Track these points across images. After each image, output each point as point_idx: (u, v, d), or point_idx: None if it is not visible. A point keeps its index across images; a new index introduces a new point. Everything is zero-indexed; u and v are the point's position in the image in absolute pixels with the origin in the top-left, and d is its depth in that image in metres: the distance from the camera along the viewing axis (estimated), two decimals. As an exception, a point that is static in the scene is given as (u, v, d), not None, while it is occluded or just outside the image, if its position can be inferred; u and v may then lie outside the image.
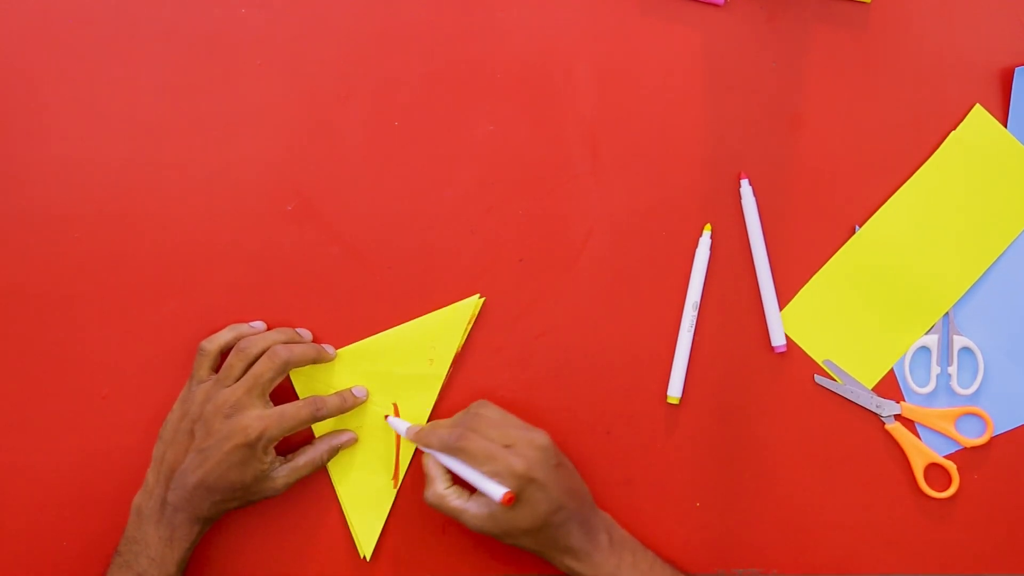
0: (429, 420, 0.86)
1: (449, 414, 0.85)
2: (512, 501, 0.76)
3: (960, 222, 0.86)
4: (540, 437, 0.79)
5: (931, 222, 0.86)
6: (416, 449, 0.85)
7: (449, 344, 0.85)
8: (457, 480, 0.80)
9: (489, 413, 0.81)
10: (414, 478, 0.86)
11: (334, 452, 0.84)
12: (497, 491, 0.75)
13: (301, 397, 0.84)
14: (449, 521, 0.85)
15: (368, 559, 0.85)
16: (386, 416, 0.85)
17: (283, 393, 0.85)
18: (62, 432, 0.85)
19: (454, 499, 0.79)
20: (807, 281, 0.86)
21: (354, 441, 0.85)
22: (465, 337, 0.86)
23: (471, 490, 0.79)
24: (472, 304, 0.86)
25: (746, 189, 0.85)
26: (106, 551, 0.82)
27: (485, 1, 0.86)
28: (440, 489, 0.79)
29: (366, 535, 0.85)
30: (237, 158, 0.86)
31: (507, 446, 0.78)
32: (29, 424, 0.85)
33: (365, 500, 0.85)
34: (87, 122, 0.86)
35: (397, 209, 0.86)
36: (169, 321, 0.85)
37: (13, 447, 0.85)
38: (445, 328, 0.85)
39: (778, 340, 0.85)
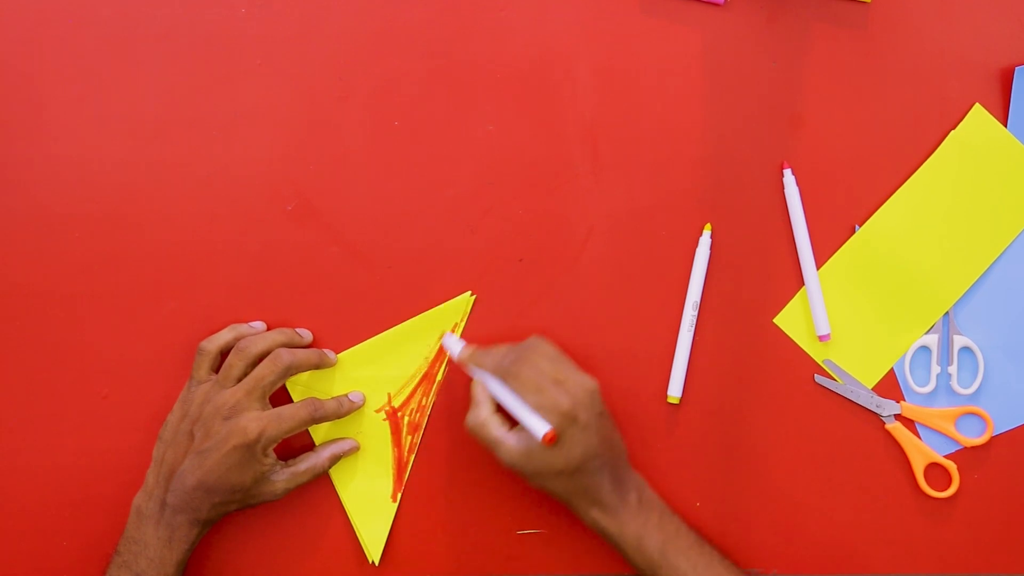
0: (428, 421, 0.85)
1: (448, 413, 0.85)
2: (554, 441, 0.74)
3: (960, 222, 0.86)
4: (590, 382, 0.78)
5: (931, 222, 0.86)
6: (414, 459, 0.85)
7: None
8: (501, 412, 0.79)
9: (545, 347, 0.79)
10: (415, 483, 0.86)
11: (335, 460, 0.84)
12: (540, 427, 0.74)
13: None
14: (456, 522, 0.85)
15: (377, 564, 0.85)
16: (441, 338, 0.84)
17: (281, 398, 0.85)
18: (62, 432, 0.85)
19: (495, 428, 0.77)
20: (807, 281, 0.86)
21: (356, 450, 0.85)
22: (460, 334, 0.86)
23: (512, 425, 0.78)
24: (463, 301, 0.86)
25: (789, 179, 0.85)
26: (106, 551, 0.82)
27: (485, 1, 0.86)
28: (483, 415, 0.78)
29: (373, 541, 0.85)
30: (237, 158, 0.86)
31: (557, 382, 0.77)
32: (29, 424, 0.85)
33: (369, 506, 0.85)
34: (87, 122, 0.86)
35: (397, 209, 0.86)
36: (169, 321, 0.85)
37: (13, 447, 0.85)
38: (439, 327, 0.85)
39: (823, 330, 0.84)
